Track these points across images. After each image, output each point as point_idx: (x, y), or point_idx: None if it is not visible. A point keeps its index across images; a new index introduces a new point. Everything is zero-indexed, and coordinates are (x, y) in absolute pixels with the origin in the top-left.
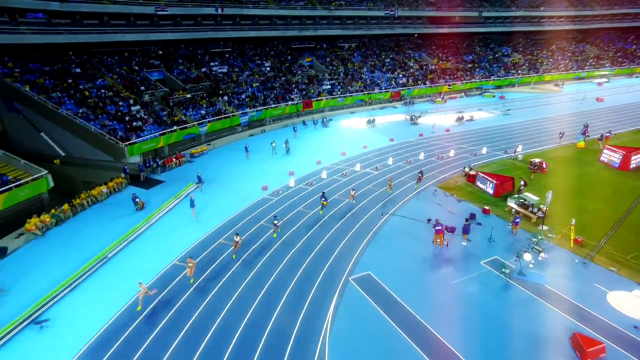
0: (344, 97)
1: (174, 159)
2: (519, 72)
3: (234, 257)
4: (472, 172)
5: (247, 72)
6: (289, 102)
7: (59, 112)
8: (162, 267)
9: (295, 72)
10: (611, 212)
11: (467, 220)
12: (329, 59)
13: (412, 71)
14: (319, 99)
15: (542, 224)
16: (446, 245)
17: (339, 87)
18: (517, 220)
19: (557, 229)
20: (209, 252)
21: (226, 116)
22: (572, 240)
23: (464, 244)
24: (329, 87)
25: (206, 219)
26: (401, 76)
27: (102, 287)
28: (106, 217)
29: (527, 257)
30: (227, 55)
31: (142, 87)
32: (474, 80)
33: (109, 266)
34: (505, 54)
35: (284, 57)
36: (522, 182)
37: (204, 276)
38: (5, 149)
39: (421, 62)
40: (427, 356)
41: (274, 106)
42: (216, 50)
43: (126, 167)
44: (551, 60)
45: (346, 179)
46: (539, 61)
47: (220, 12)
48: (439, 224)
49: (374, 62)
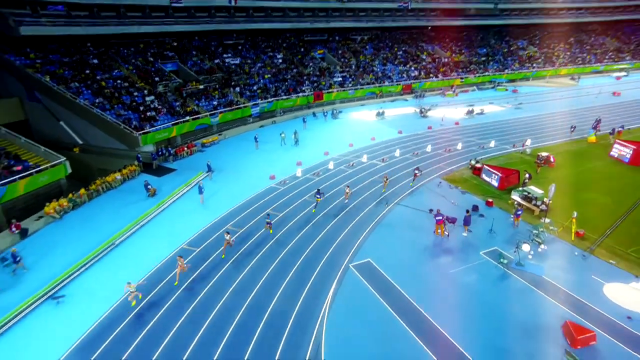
0: (355, 89)
1: (186, 148)
2: (534, 65)
3: (223, 256)
4: (478, 165)
5: (259, 64)
6: (300, 94)
7: (77, 101)
8: (172, 250)
9: (307, 64)
10: (616, 207)
11: (468, 211)
12: (341, 52)
13: (424, 64)
14: (330, 91)
15: (544, 216)
16: (447, 235)
17: (350, 80)
18: (519, 212)
19: (559, 222)
20: (215, 238)
21: (238, 107)
22: (574, 233)
23: (464, 234)
24: (340, 79)
25: (215, 205)
26: (413, 69)
27: (114, 267)
28: (120, 203)
29: (526, 248)
30: (239, 47)
31: (157, 78)
32: (487, 73)
33: (121, 248)
34: (520, 47)
35: (296, 49)
36: (527, 175)
37: (209, 261)
38: (26, 137)
39: (434, 55)
40: (422, 342)
41: (285, 98)
42: (229, 42)
43: (139, 156)
44: (568, 53)
45: (352, 170)
46: (556, 54)
47: (233, 4)
48: (440, 215)
49: (386, 55)
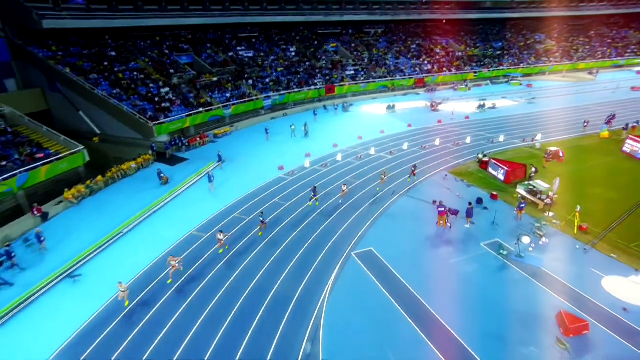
0: (367, 82)
1: (198, 139)
2: (551, 59)
3: (220, 251)
4: (485, 159)
5: (272, 57)
6: (312, 87)
7: (95, 92)
8: (182, 235)
9: (319, 57)
10: (623, 202)
11: (471, 204)
12: (354, 45)
13: (438, 58)
14: (342, 84)
15: (549, 210)
16: (449, 227)
17: (362, 73)
18: (522, 205)
19: (563, 216)
20: (226, 224)
21: (250, 99)
22: (577, 227)
23: (467, 226)
24: (352, 72)
25: (224, 194)
26: (426, 63)
27: (128, 250)
28: (134, 190)
29: (526, 240)
30: (253, 40)
31: (172, 70)
32: (502, 67)
33: (134, 232)
34: (538, 40)
35: (309, 43)
36: (533, 169)
37: (214, 248)
38: (48, 126)
39: (448, 49)
40: (418, 327)
41: (297, 90)
42: (243, 35)
43: (153, 145)
44: (588, 47)
45: (360, 162)
46: (574, 48)
47: None
48: (442, 206)
49: (399, 48)
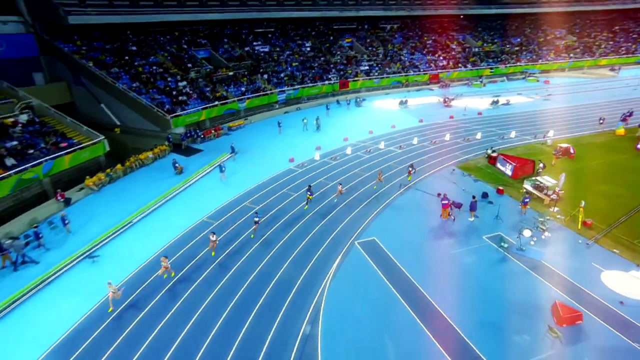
0: (381, 78)
1: (213, 131)
2: (571, 55)
3: (212, 254)
4: (493, 155)
5: (287, 52)
6: (326, 82)
7: (116, 86)
8: (194, 222)
9: (334, 52)
10: (632, 199)
11: (474, 197)
12: (369, 40)
13: (453, 53)
14: (356, 79)
15: (554, 206)
16: (453, 219)
17: (376, 69)
18: (526, 200)
19: (567, 211)
20: (233, 213)
21: (264, 93)
22: (580, 222)
23: (470, 219)
24: (366, 68)
25: (235, 183)
26: (442, 58)
27: (143, 234)
28: (150, 178)
29: (527, 233)
30: (269, 35)
31: (189, 65)
32: (519, 63)
33: (149, 218)
34: (558, 36)
35: (324, 38)
36: (541, 165)
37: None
38: (72, 117)
39: (464, 45)
40: (415, 313)
41: (310, 85)
42: (259, 30)
43: (170, 136)
44: (611, 42)
45: (369, 156)
46: (597, 43)
47: None
48: (446, 199)
49: (415, 44)
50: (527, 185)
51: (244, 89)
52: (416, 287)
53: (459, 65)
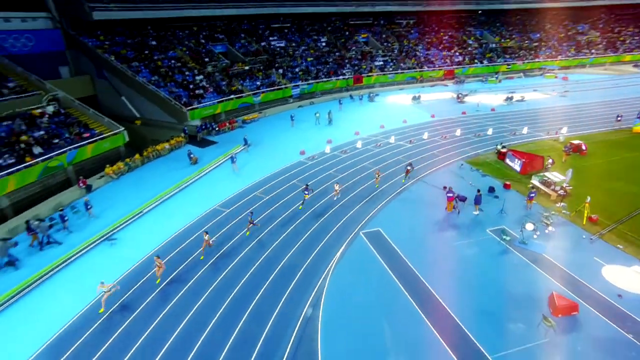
0: (395, 73)
1: (228, 124)
2: (593, 51)
3: (201, 258)
4: (503, 150)
5: (303, 47)
6: (340, 77)
7: (136, 79)
8: (206, 209)
9: (349, 48)
10: None
11: (479, 191)
12: (384, 36)
13: (470, 49)
14: (370, 74)
15: (561, 201)
16: (458, 212)
17: (391, 64)
18: (532, 195)
19: (574, 207)
20: (245, 201)
21: (279, 88)
22: (586, 217)
23: (475, 213)
24: (381, 63)
25: (247, 174)
26: (458, 54)
27: (159, 219)
28: (166, 168)
29: (529, 227)
30: (285, 30)
31: (207, 59)
32: (538, 60)
33: (165, 205)
34: (580, 31)
35: (340, 33)
36: (550, 161)
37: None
38: (95, 109)
39: (481, 41)
40: (414, 300)
41: (325, 80)
42: (276, 25)
43: (186, 128)
44: (637, 37)
45: (379, 150)
46: (621, 39)
47: None
48: (451, 192)
49: (430, 40)
50: (534, 180)
51: (259, 83)
52: (416, 275)
53: (475, 61)
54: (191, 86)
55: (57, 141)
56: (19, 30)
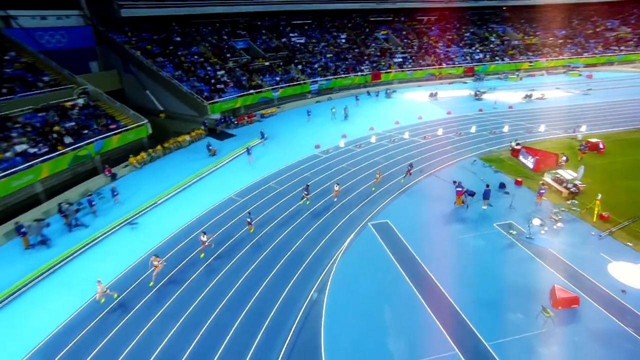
0: (414, 70)
1: (246, 118)
2: (622, 48)
3: (202, 256)
4: (517, 147)
5: (323, 44)
6: (359, 73)
7: (160, 73)
8: (222, 198)
9: (369, 44)
10: None
11: (488, 186)
12: (405, 32)
13: (492, 46)
14: (388, 71)
15: (572, 198)
16: (466, 207)
17: (410, 61)
18: (542, 191)
19: (585, 204)
20: (260, 191)
21: (298, 83)
22: (596, 215)
23: (484, 207)
24: (400, 60)
25: (262, 166)
26: (478, 51)
27: (178, 206)
28: (186, 159)
29: (536, 222)
30: (306, 27)
31: (228, 55)
32: (562, 57)
33: (184, 193)
34: (609, 27)
35: (360, 30)
36: (564, 158)
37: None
38: (121, 102)
39: (504, 37)
40: (416, 288)
41: (343, 76)
42: (297, 22)
43: (206, 121)
44: None
45: (392, 145)
46: None
47: None
48: (460, 186)
49: (451, 36)
50: (547, 177)
51: (278, 79)
52: (420, 264)
53: (496, 58)
54: (212, 81)
55: (86, 132)
56: (54, 27)
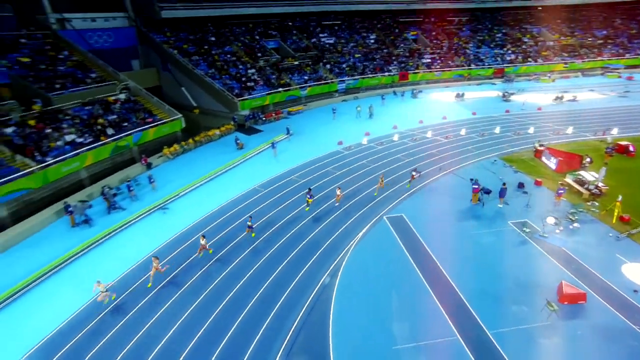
0: (442, 71)
1: (274, 114)
2: None
3: (201, 255)
4: (540, 148)
5: (352, 44)
6: (386, 74)
7: (195, 71)
8: (247, 188)
9: (398, 45)
10: None
11: (504, 184)
12: (434, 33)
13: (524, 47)
14: (416, 71)
15: (593, 200)
16: (482, 204)
17: (438, 61)
18: (560, 191)
19: (605, 205)
20: (282, 184)
21: (325, 82)
22: (616, 216)
23: (499, 206)
24: (429, 60)
25: (286, 160)
26: (510, 52)
27: (206, 194)
28: (215, 151)
29: (550, 220)
30: (336, 27)
31: (259, 54)
32: (601, 58)
33: (212, 183)
34: None
35: (389, 30)
36: (588, 159)
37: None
38: (158, 98)
39: (538, 38)
40: (425, 279)
41: (371, 76)
42: (327, 22)
43: (235, 117)
44: None
45: (414, 143)
46: None
47: None
48: (477, 184)
49: (482, 37)
50: (568, 178)
51: (306, 78)
52: (430, 256)
53: (529, 59)
54: (243, 79)
55: (125, 124)
56: (102, 28)
